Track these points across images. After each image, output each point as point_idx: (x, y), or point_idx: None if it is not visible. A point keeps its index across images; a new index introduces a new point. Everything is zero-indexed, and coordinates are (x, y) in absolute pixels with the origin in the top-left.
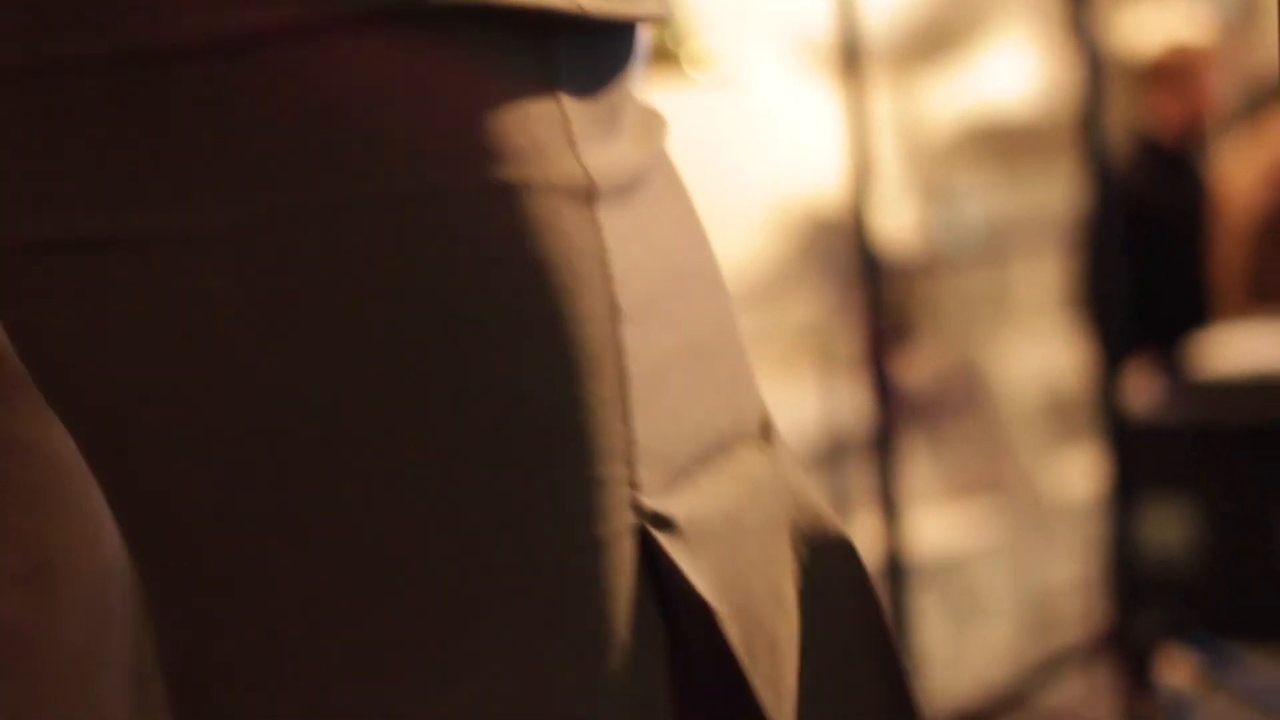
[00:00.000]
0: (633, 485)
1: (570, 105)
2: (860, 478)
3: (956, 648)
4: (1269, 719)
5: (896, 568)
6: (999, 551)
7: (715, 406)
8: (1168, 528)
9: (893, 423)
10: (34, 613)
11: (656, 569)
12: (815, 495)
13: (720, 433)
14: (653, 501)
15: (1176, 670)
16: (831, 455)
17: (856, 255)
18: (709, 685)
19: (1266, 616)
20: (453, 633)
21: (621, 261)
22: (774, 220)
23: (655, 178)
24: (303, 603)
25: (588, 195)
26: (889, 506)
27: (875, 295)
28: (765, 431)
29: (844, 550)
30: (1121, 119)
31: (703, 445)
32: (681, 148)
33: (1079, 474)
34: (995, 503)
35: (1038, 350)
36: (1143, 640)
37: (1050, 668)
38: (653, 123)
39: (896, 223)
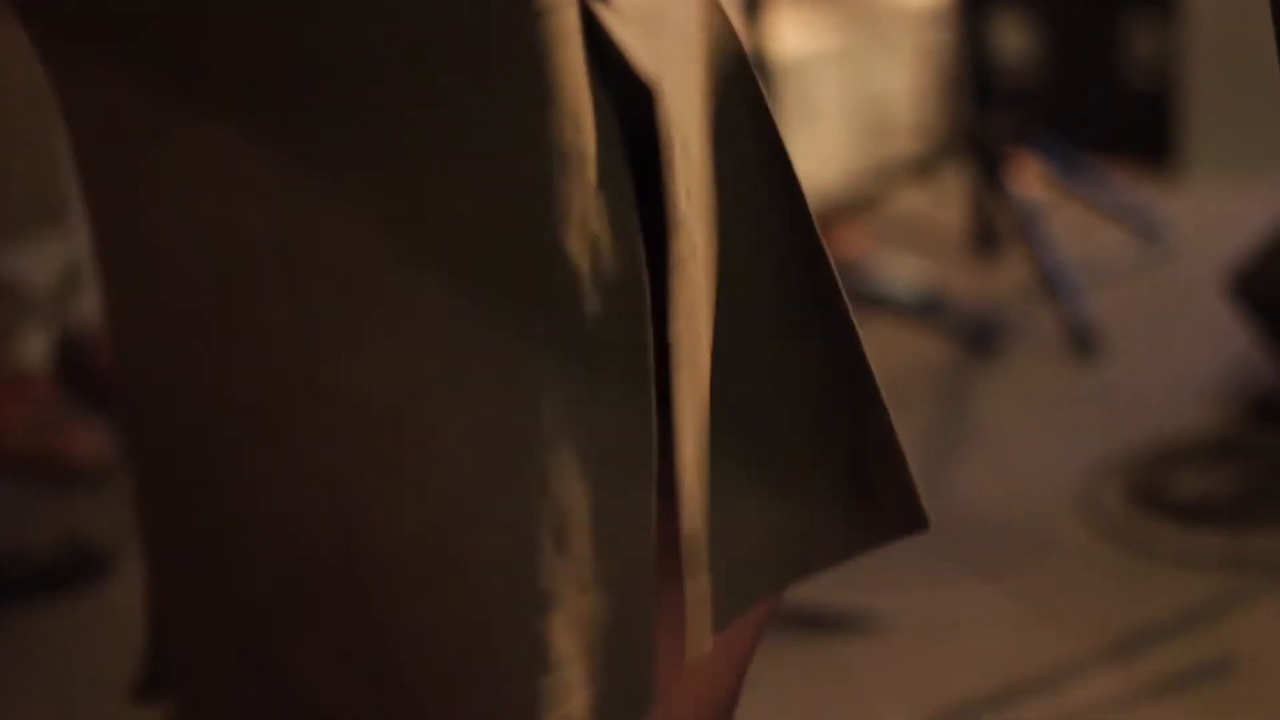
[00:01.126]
0: None
1: None
2: None
3: (801, 154)
4: (1113, 225)
5: (758, 67)
6: (838, 58)
7: None
8: (1014, 36)
9: None
10: None
11: (598, 45)
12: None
13: None
14: None
15: (1025, 176)
16: None
17: None
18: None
19: (1111, 127)
20: (419, 113)
21: None
22: None
23: None
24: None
25: None
26: (750, 5)
27: None
28: None
29: (743, 63)
30: None
31: None
32: None
33: None
34: (834, 9)
35: None
36: (993, 143)
37: (897, 172)
38: None
39: None
